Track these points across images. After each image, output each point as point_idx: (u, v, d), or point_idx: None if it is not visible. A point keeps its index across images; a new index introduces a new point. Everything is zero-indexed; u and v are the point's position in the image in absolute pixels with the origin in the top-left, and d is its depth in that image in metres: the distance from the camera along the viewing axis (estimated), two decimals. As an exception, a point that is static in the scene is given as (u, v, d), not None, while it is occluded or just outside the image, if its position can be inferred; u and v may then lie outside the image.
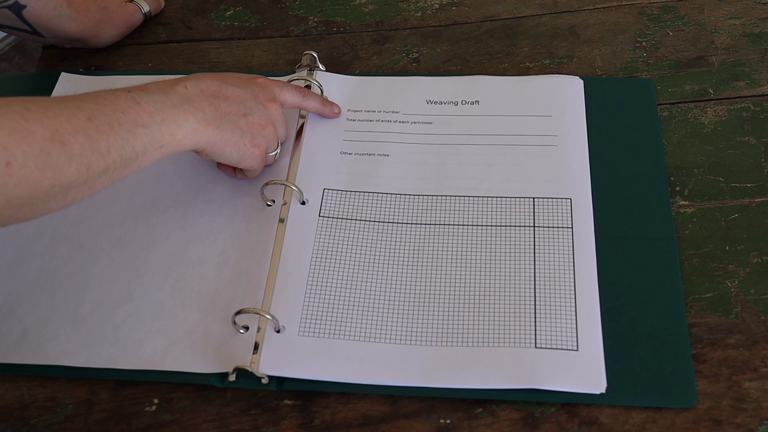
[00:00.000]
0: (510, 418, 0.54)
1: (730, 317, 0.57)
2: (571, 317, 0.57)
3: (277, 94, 0.64)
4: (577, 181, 0.64)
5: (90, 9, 0.77)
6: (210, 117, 0.58)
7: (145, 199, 0.66)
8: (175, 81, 0.58)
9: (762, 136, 0.67)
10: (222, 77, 0.61)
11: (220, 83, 0.60)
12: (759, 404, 0.53)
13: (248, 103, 0.61)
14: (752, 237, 0.61)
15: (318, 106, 0.69)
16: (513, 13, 0.79)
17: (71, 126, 0.49)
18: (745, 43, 0.74)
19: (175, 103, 0.56)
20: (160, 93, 0.56)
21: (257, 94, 0.62)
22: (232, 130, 0.59)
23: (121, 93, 0.54)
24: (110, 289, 0.61)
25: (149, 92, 0.55)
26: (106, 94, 0.54)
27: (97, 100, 0.52)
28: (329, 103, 0.70)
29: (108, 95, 0.53)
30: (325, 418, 0.55)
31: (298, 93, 0.67)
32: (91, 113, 0.51)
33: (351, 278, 0.60)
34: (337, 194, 0.65)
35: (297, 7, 0.82)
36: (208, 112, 0.58)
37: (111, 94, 0.54)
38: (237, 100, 0.60)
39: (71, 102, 0.51)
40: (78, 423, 0.56)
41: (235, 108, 0.60)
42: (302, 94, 0.67)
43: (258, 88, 0.63)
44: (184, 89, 0.57)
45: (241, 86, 0.62)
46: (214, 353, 0.57)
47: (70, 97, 0.52)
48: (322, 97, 0.70)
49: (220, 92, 0.60)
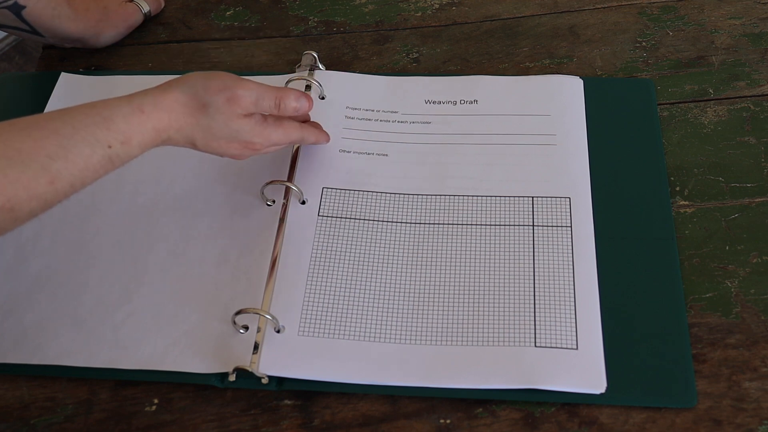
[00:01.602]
0: (510, 418, 0.54)
1: (730, 317, 0.57)
2: (571, 316, 0.57)
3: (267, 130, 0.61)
4: (576, 181, 0.64)
5: (90, 9, 0.77)
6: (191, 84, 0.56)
7: (145, 199, 0.66)
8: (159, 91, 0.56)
9: (762, 136, 0.67)
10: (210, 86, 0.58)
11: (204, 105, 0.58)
12: (759, 404, 0.53)
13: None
14: (752, 237, 0.61)
15: (315, 138, 0.66)
16: (513, 13, 0.79)
17: (27, 194, 0.48)
18: (745, 43, 0.74)
19: (158, 87, 0.55)
20: (139, 91, 0.55)
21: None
22: (220, 147, 0.58)
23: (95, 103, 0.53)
24: (110, 290, 0.61)
25: (126, 95, 0.55)
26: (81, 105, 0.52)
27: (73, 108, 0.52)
28: (324, 133, 0.67)
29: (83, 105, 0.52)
30: (325, 418, 0.55)
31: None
32: (55, 175, 0.49)
33: (350, 278, 0.60)
34: (337, 193, 0.65)
35: (297, 7, 0.82)
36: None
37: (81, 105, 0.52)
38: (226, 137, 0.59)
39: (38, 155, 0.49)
40: (78, 423, 0.56)
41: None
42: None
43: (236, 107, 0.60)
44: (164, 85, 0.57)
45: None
46: (214, 353, 0.57)
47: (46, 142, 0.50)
48: (319, 126, 0.67)
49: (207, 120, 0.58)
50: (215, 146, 0.58)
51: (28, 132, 0.49)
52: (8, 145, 0.48)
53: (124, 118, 0.52)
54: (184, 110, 0.55)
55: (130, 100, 0.54)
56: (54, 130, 0.50)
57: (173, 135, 0.55)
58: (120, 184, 0.66)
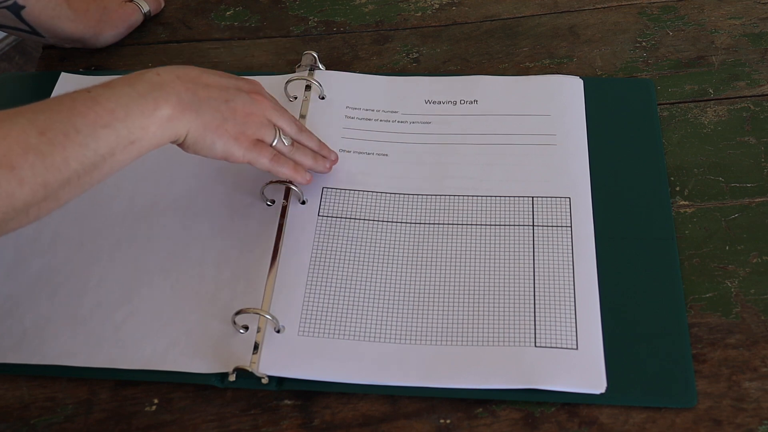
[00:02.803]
0: (510, 418, 0.54)
1: (730, 317, 0.57)
2: (571, 316, 0.57)
3: (269, 110, 0.59)
4: (576, 181, 0.64)
5: (89, 9, 0.77)
6: (187, 101, 0.54)
7: (145, 199, 0.66)
8: (147, 70, 0.54)
9: (762, 136, 0.67)
10: (204, 69, 0.58)
11: (200, 72, 0.56)
12: (759, 404, 0.53)
13: (231, 90, 0.57)
14: (752, 237, 0.61)
15: (314, 146, 0.64)
16: (513, 13, 0.79)
17: (20, 146, 0.46)
18: (745, 43, 0.74)
19: (143, 92, 0.52)
20: (125, 86, 0.52)
21: (241, 86, 0.58)
22: (213, 114, 0.55)
23: (80, 94, 0.51)
24: (110, 289, 0.61)
25: (112, 87, 0.52)
26: (64, 98, 0.50)
27: (53, 107, 0.49)
28: (326, 149, 0.65)
29: (66, 99, 0.50)
30: (325, 418, 0.55)
31: (294, 125, 0.61)
32: (44, 125, 0.48)
33: (350, 278, 0.60)
34: (337, 193, 0.65)
35: (297, 7, 0.82)
36: (185, 96, 0.54)
37: (69, 98, 0.50)
38: (218, 86, 0.56)
39: (24, 116, 0.48)
40: (78, 423, 0.56)
41: (215, 93, 0.56)
42: (298, 128, 0.62)
43: (244, 82, 0.59)
44: (155, 76, 0.53)
45: (224, 77, 0.58)
46: (214, 353, 0.57)
47: (25, 109, 0.49)
48: (320, 141, 0.65)
49: (200, 79, 0.56)
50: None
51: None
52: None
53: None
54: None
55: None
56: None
57: None
58: (120, 184, 0.66)
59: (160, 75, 0.54)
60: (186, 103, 0.53)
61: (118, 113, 0.50)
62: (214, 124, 0.55)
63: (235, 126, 0.56)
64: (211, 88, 0.56)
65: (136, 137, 0.51)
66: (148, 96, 0.52)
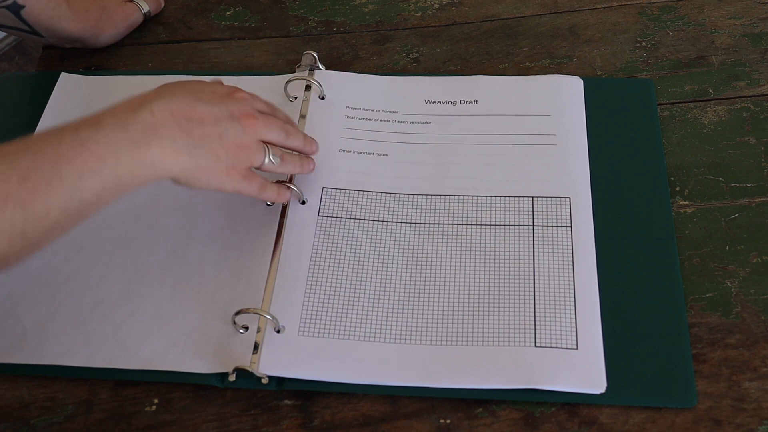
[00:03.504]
0: (510, 418, 0.54)
1: (730, 317, 0.57)
2: (571, 316, 0.57)
3: (259, 131, 0.58)
4: (576, 181, 0.64)
5: (89, 9, 0.77)
6: (182, 145, 0.52)
7: (145, 199, 0.66)
8: (140, 103, 0.52)
9: (762, 136, 0.67)
10: (195, 91, 0.56)
11: (192, 101, 0.54)
12: (759, 404, 0.53)
13: (223, 122, 0.55)
14: (752, 237, 0.61)
15: (300, 145, 0.63)
16: (513, 13, 0.79)
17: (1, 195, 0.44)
18: (745, 43, 0.74)
19: (135, 136, 0.50)
20: (117, 128, 0.50)
21: (233, 112, 0.57)
22: (207, 156, 0.54)
23: (67, 133, 0.49)
24: (110, 289, 0.61)
25: (102, 128, 0.50)
26: (51, 137, 0.48)
27: (38, 147, 0.47)
28: (310, 140, 0.64)
29: (53, 138, 0.48)
30: (325, 418, 0.55)
31: (283, 131, 0.60)
32: (27, 170, 0.46)
33: (350, 278, 0.60)
34: (337, 193, 0.65)
35: (297, 7, 0.82)
36: (180, 139, 0.52)
37: (56, 137, 0.48)
38: (211, 120, 0.55)
39: (6, 158, 0.46)
40: (78, 423, 0.56)
41: (209, 129, 0.54)
42: (286, 133, 0.61)
43: (234, 103, 0.57)
44: (149, 115, 0.51)
45: (215, 102, 0.56)
46: (214, 353, 0.57)
47: (7, 149, 0.47)
48: (304, 135, 0.64)
49: (193, 113, 0.54)
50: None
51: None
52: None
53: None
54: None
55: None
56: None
57: None
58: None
59: (153, 114, 0.52)
60: (180, 147, 0.52)
61: (107, 160, 0.49)
62: (208, 166, 0.54)
63: (227, 161, 0.55)
64: (205, 124, 0.54)
65: (125, 182, 0.50)
66: (141, 141, 0.50)
